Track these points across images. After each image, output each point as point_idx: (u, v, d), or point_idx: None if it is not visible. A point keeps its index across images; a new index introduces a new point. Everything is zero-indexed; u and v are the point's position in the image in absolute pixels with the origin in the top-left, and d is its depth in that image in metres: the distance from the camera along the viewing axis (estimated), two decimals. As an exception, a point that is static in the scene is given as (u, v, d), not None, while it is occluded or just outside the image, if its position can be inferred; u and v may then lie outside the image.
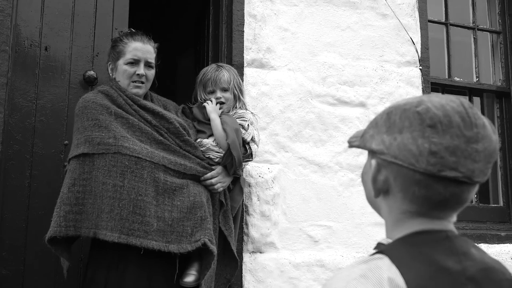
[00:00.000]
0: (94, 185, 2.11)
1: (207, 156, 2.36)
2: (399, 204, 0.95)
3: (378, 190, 0.97)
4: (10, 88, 2.55)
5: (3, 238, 2.48)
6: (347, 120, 3.11)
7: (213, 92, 2.47)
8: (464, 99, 0.93)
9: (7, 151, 2.52)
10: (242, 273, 2.73)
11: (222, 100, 2.46)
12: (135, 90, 2.31)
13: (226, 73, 2.48)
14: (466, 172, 0.88)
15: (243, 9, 2.98)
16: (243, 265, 2.74)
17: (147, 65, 2.33)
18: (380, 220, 3.24)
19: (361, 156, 3.11)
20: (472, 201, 3.62)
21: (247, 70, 2.94)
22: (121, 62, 2.30)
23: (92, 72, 2.70)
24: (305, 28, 3.12)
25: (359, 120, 3.14)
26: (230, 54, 2.94)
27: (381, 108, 3.20)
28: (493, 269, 0.90)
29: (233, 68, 2.59)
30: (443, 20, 3.75)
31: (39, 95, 2.63)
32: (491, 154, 0.90)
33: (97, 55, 2.75)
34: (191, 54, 4.08)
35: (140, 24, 2.73)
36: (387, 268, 0.86)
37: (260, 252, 2.80)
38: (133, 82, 2.30)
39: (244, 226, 2.76)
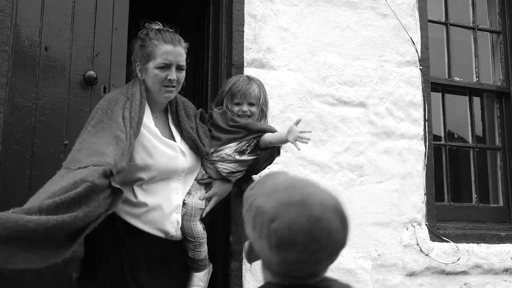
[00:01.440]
0: None
1: (218, 168, 2.32)
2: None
3: (250, 258, 1.18)
4: (10, 88, 2.55)
5: (3, 238, 2.48)
6: (347, 120, 3.11)
7: (240, 104, 2.42)
8: (323, 209, 1.07)
9: (7, 151, 2.52)
10: (242, 273, 2.73)
11: (248, 113, 2.42)
12: (166, 95, 2.22)
13: (256, 88, 2.44)
14: (309, 273, 1.08)
15: (243, 9, 2.98)
16: (243, 265, 2.74)
17: (178, 68, 2.22)
18: (380, 220, 3.24)
19: (361, 156, 3.11)
20: (472, 201, 3.63)
21: (247, 70, 2.93)
22: (151, 65, 2.18)
23: (92, 72, 2.70)
24: (305, 28, 3.12)
25: (359, 120, 3.14)
26: (230, 54, 2.94)
27: (381, 108, 3.20)
28: None
29: (263, 84, 2.53)
30: (443, 20, 3.75)
31: (39, 95, 2.63)
32: (335, 253, 1.10)
33: (97, 55, 2.75)
34: (191, 54, 4.07)
35: (139, 23, 2.73)
36: None
37: (260, 252, 2.80)
38: (164, 86, 2.19)
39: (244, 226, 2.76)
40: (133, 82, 2.23)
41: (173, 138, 2.27)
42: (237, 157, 2.33)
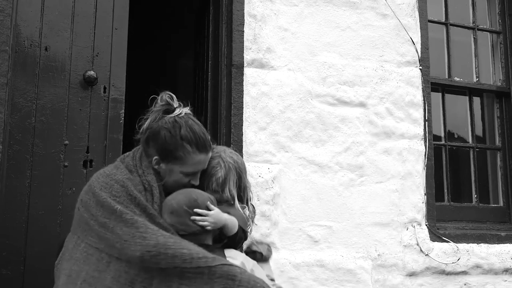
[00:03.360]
0: None
1: None
2: None
3: None
4: (10, 88, 2.55)
5: (3, 238, 2.48)
6: (347, 120, 3.12)
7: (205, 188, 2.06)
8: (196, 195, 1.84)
9: (7, 151, 2.52)
10: (242, 273, 2.73)
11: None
12: None
13: (222, 173, 2.05)
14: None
15: (243, 9, 2.98)
16: (243, 265, 2.74)
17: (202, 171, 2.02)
18: (380, 220, 3.25)
19: (361, 156, 3.11)
20: (472, 201, 3.63)
21: (247, 70, 2.94)
22: (177, 168, 1.94)
23: (92, 72, 2.70)
24: (305, 28, 3.12)
25: (359, 120, 3.14)
26: (230, 54, 2.94)
27: (381, 108, 3.20)
28: None
29: (239, 167, 2.11)
30: (443, 20, 3.75)
31: (39, 95, 2.63)
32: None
33: (97, 55, 2.75)
34: (191, 54, 4.08)
35: (140, 23, 2.73)
36: None
37: (260, 252, 2.80)
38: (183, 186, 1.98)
39: (244, 226, 2.76)
40: (145, 167, 1.96)
41: None
42: None
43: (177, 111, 1.97)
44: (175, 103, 1.99)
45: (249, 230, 2.12)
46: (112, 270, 1.79)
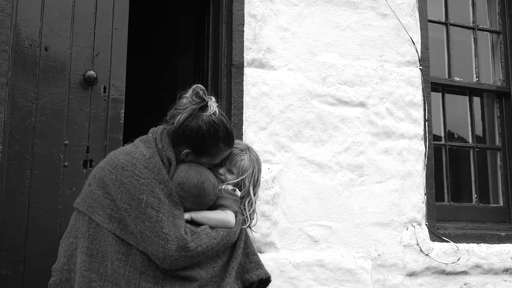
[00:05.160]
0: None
1: None
2: None
3: None
4: (10, 88, 2.55)
5: (3, 238, 2.48)
6: (347, 120, 3.12)
7: (221, 165, 2.17)
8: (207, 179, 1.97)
9: (7, 151, 2.52)
10: (242, 273, 2.73)
11: (222, 178, 2.15)
12: None
13: (246, 161, 2.17)
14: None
15: (243, 9, 2.98)
16: (243, 265, 2.74)
17: None
18: (380, 220, 3.24)
19: (361, 156, 3.11)
20: (472, 201, 3.63)
21: (247, 70, 2.94)
22: (205, 161, 2.06)
23: (92, 72, 2.70)
24: (305, 28, 3.12)
25: (359, 120, 3.14)
26: (230, 54, 2.94)
27: (381, 108, 3.20)
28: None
29: (260, 165, 2.26)
30: (443, 20, 3.75)
31: (39, 95, 2.63)
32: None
33: (97, 55, 2.75)
34: (191, 54, 4.08)
35: (140, 23, 2.73)
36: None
37: (260, 252, 2.80)
38: None
39: (244, 226, 2.76)
40: (165, 143, 2.01)
41: None
42: None
43: (210, 109, 2.03)
44: (207, 97, 2.05)
45: (246, 225, 2.20)
46: (130, 259, 1.86)
